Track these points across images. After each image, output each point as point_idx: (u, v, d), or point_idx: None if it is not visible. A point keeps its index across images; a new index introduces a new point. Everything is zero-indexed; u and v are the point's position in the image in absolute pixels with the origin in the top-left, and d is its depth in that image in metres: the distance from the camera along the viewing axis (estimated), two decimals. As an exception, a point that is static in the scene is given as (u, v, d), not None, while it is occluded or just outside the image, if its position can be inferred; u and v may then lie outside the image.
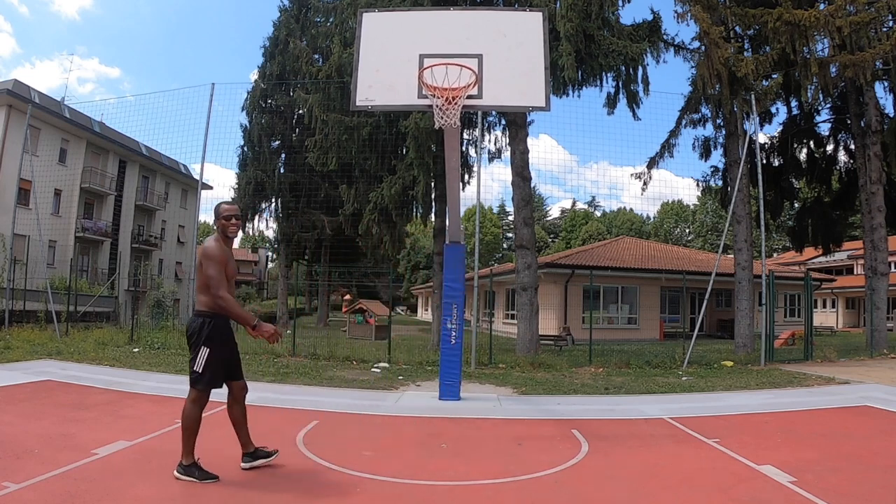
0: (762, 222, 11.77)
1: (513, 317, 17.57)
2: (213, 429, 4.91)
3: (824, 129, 16.55)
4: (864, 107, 13.52)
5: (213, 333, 3.48)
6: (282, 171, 25.85)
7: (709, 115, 14.50)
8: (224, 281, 3.48)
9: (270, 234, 33.19)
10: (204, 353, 3.45)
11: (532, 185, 12.79)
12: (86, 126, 25.56)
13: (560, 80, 11.01)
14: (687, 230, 59.18)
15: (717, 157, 21.83)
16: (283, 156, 26.38)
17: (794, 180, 16.82)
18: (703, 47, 12.18)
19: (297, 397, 6.58)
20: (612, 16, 11.40)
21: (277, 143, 26.37)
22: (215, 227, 3.72)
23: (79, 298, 14.98)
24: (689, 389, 8.01)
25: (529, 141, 12.49)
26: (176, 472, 3.43)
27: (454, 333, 6.93)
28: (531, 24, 5.47)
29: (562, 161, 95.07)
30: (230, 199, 25.47)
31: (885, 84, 13.81)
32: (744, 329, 12.63)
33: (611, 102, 12.33)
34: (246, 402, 3.79)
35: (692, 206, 56.82)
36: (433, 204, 14.70)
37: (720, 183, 15.82)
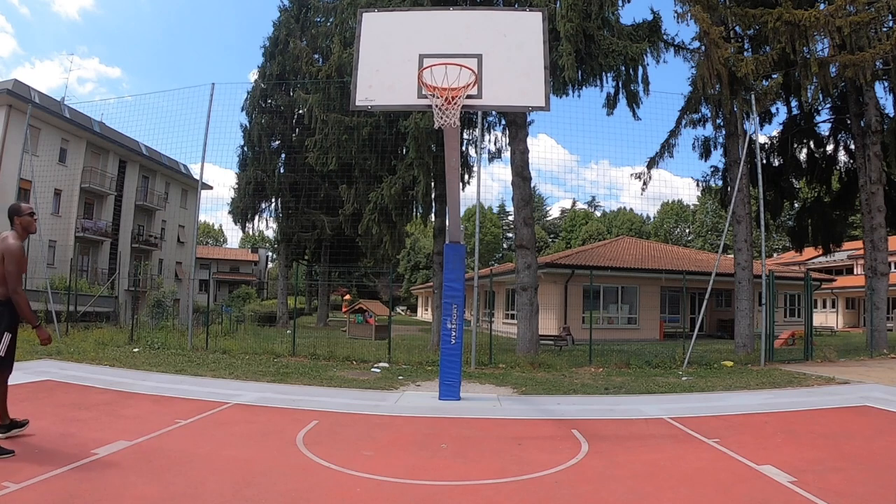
0: (762, 222, 11.76)
1: (513, 317, 17.56)
2: (214, 428, 4.92)
3: (824, 129, 16.55)
4: (864, 107, 13.51)
5: (13, 320, 3.98)
6: (282, 171, 25.87)
7: (709, 115, 14.48)
8: (22, 278, 4.03)
9: (270, 234, 33.24)
10: (7, 338, 3.93)
11: (532, 185, 12.79)
12: (86, 126, 25.55)
13: (560, 80, 10.99)
14: (687, 230, 59.15)
15: (717, 157, 21.90)
16: (283, 156, 26.39)
17: (794, 180, 16.78)
18: (703, 47, 12.19)
19: (297, 397, 6.58)
20: (612, 16, 11.40)
21: (277, 143, 26.38)
22: (15, 226, 4.12)
23: (79, 298, 14.98)
24: (689, 389, 8.01)
25: (529, 141, 12.49)
26: None
27: (454, 333, 6.93)
28: (531, 23, 5.47)
29: (562, 161, 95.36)
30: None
31: (885, 84, 13.78)
32: (744, 329, 12.63)
33: (611, 102, 12.32)
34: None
35: (692, 206, 56.84)
36: (433, 204, 14.69)
37: (720, 183, 15.81)
